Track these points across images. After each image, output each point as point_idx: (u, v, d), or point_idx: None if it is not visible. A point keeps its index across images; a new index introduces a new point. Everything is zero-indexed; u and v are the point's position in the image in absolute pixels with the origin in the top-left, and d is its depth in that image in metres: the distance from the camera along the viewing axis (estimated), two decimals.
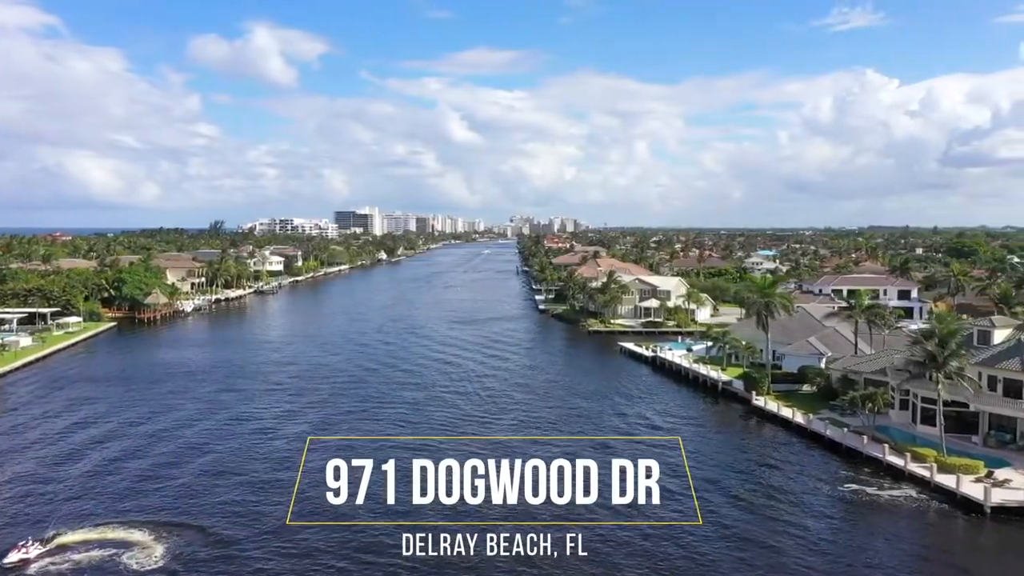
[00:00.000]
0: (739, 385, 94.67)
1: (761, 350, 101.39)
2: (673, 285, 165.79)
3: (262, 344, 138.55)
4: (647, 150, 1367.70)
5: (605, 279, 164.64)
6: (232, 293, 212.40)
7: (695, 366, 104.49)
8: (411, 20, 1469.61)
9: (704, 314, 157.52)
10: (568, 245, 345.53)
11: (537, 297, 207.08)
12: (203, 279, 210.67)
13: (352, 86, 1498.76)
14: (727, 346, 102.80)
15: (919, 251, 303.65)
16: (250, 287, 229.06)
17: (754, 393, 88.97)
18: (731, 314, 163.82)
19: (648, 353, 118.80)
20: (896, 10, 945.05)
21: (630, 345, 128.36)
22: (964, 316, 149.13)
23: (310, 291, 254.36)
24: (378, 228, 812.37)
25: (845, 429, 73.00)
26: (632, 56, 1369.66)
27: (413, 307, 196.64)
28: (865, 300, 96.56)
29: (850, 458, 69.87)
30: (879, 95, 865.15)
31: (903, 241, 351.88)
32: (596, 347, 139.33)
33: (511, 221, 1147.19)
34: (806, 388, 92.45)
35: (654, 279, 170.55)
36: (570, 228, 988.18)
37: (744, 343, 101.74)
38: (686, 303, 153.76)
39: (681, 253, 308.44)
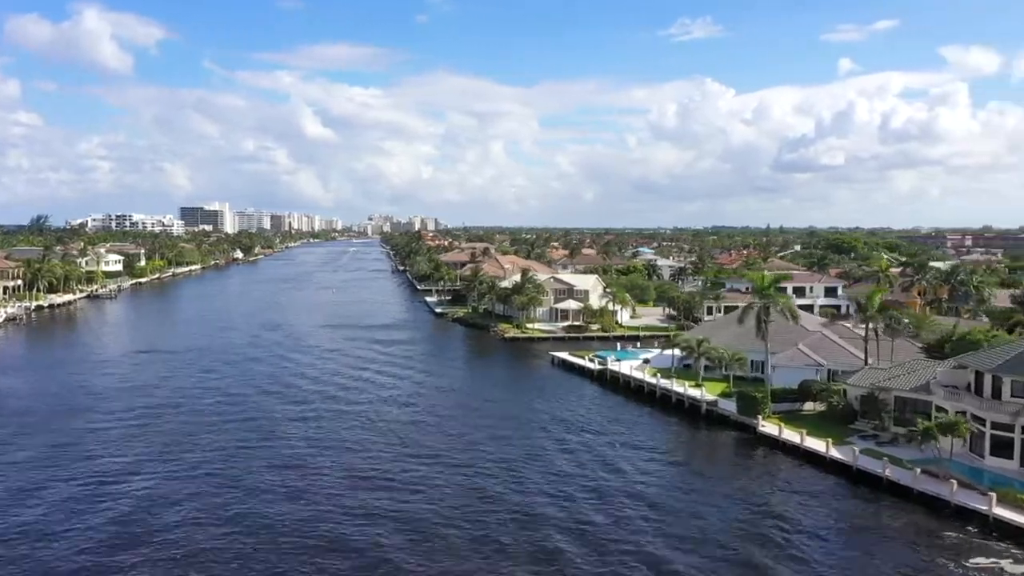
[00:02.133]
0: (727, 405, 77.20)
1: (739, 360, 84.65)
2: (591, 284, 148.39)
3: (94, 366, 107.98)
4: (503, 150, 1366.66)
5: (518, 278, 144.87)
6: (58, 298, 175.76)
7: (664, 382, 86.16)
8: (261, 9, 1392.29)
9: (624, 316, 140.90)
10: (447, 242, 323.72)
11: (429, 299, 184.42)
12: (20, 281, 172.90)
13: (195, 76, 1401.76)
14: (702, 356, 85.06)
15: (797, 247, 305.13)
16: (82, 291, 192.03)
17: (759, 418, 71.53)
18: (650, 314, 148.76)
19: (592, 365, 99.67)
20: (733, 24, 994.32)
21: (563, 355, 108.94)
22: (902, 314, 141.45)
23: (157, 295, 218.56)
24: (229, 226, 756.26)
25: (918, 470, 56.16)
26: (487, 57, 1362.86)
27: (287, 313, 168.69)
28: (877, 300, 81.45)
29: (932, 510, 53.10)
30: (718, 103, 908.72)
31: (778, 239, 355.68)
32: (517, 357, 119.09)
33: (370, 219, 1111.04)
34: (810, 407, 76.25)
35: (570, 278, 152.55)
36: (431, 227, 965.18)
37: (732, 353, 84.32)
38: (611, 303, 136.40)
39: (567, 251, 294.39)
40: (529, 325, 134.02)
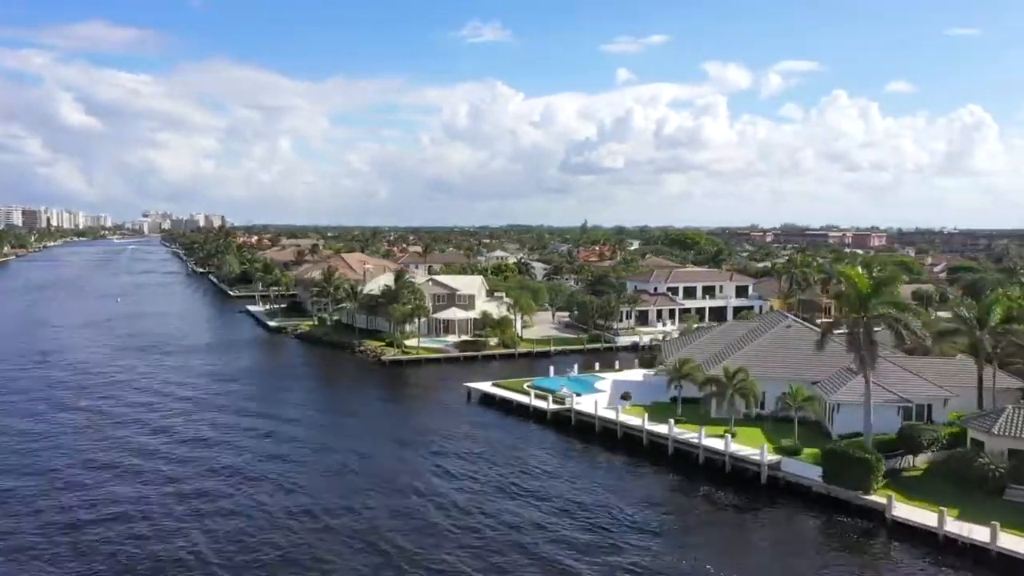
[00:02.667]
0: (800, 470, 52.30)
1: (808, 401, 59.95)
2: (477, 287, 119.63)
3: None
4: (292, 146, 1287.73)
5: (384, 281, 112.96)
6: None
7: (683, 432, 59.71)
8: None
9: (516, 326, 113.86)
10: (258, 239, 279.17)
11: (254, 308, 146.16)
12: None
13: None
14: (732, 392, 59.42)
15: (635, 244, 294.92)
16: None
17: (892, 499, 46.88)
18: (540, 322, 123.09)
19: (542, 403, 71.29)
20: (521, 30, 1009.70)
21: (482, 385, 79.73)
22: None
23: None
24: None
25: None
26: (273, 49, 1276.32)
27: (60, 334, 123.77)
28: (1000, 311, 59.88)
29: None
30: (508, 106, 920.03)
31: (610, 236, 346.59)
32: (408, 390, 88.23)
33: (146, 216, 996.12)
34: (922, 462, 53.20)
35: (451, 280, 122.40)
36: (217, 224, 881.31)
37: (797, 389, 58.78)
38: (511, 312, 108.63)
39: (397, 249, 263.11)
40: (408, 342, 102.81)
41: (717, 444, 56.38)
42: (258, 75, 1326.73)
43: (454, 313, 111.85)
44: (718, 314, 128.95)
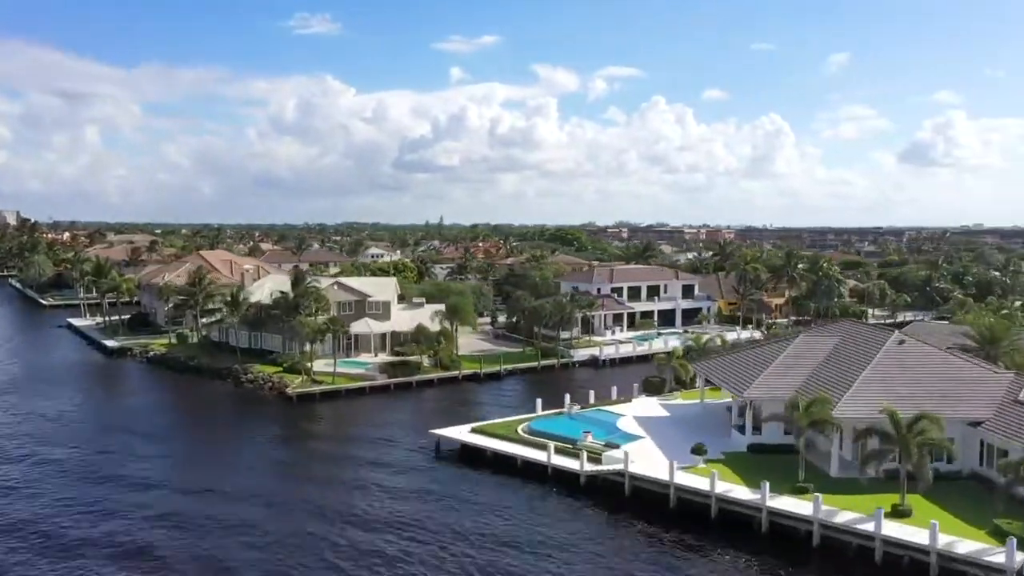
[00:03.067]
0: None
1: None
2: (391, 292, 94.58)
3: None
4: (99, 137, 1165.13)
5: (270, 285, 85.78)
6: None
7: (857, 521, 39.32)
8: None
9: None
10: (69, 237, 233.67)
11: (79, 321, 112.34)
12: None
13: None
14: (916, 448, 39.64)
15: (514, 241, 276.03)
16: None
17: None
18: (464, 332, 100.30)
19: (568, 462, 48.93)
20: (351, 24, 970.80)
21: (454, 433, 56.26)
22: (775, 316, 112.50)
23: None
24: None
25: None
26: (74, 29, 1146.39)
27: None
28: None
29: None
30: (339, 101, 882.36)
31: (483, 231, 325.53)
32: (334, 440, 63.05)
33: None
34: None
35: (361, 283, 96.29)
36: (12, 221, 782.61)
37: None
38: (448, 323, 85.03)
39: (243, 245, 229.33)
40: (315, 365, 76.55)
41: (968, 548, 35.99)
42: (59, 58, 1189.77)
43: (367, 326, 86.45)
44: (666, 317, 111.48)
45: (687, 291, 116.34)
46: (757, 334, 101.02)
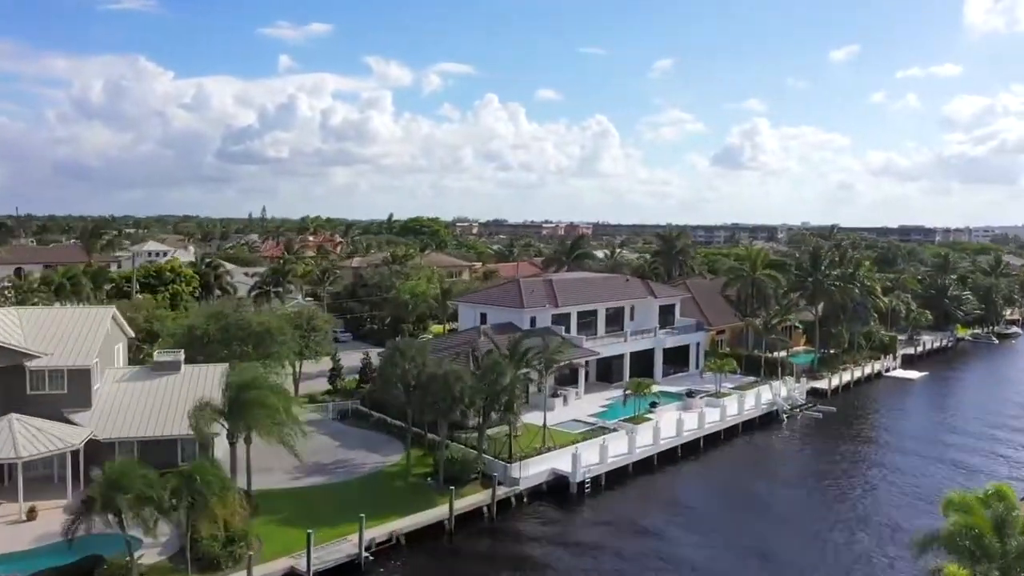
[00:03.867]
0: None
1: None
2: (94, 340, 40.41)
3: None
4: None
5: None
6: None
7: None
8: None
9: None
10: None
11: None
12: None
13: None
14: None
15: (357, 234, 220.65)
16: None
17: None
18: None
19: None
20: (168, 1, 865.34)
21: None
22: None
23: None
24: None
25: None
26: None
27: None
28: None
29: None
30: (154, 84, 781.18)
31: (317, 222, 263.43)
32: None
33: None
34: None
35: (35, 316, 40.86)
36: None
37: None
38: (213, 425, 32.71)
39: None
40: None
41: None
42: None
43: (8, 432, 32.61)
44: (639, 364, 64.63)
45: (665, 314, 69.84)
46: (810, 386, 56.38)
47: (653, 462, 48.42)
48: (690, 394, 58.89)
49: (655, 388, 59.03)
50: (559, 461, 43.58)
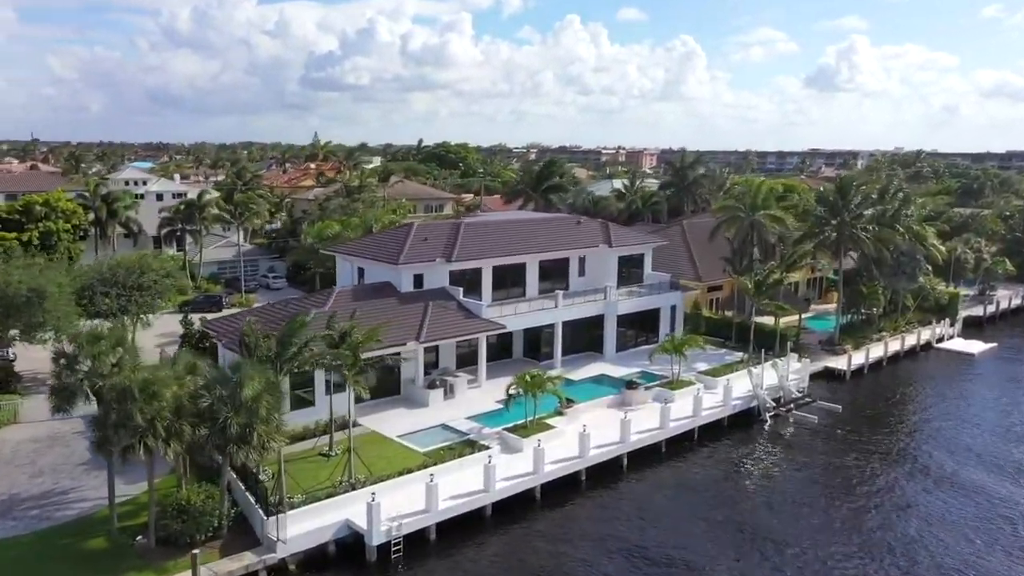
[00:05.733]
0: None
1: None
2: None
3: None
4: None
5: None
6: None
7: None
8: None
9: None
10: None
11: None
12: None
13: None
14: None
15: (376, 161, 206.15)
16: None
17: None
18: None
19: None
20: None
21: None
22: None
23: None
24: None
25: None
26: None
27: None
28: None
29: None
30: (236, 11, 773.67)
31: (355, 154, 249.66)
32: None
33: None
34: None
35: None
36: None
37: None
38: None
39: None
40: None
41: None
42: None
43: None
44: (594, 334, 48.74)
45: (628, 267, 52.96)
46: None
47: (535, 497, 33.09)
48: (630, 385, 42.61)
49: (565, 376, 43.27)
50: (359, 508, 28.71)
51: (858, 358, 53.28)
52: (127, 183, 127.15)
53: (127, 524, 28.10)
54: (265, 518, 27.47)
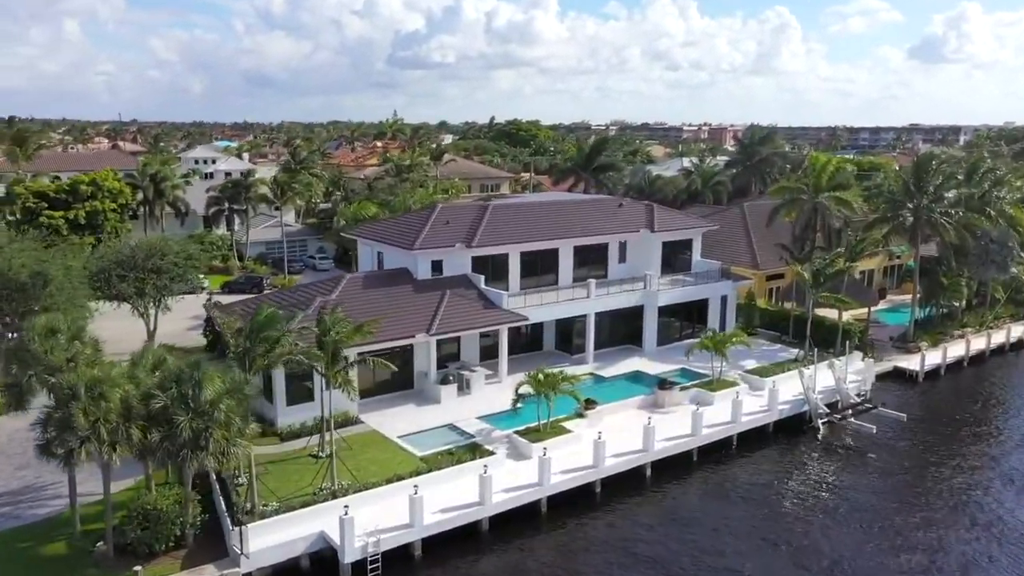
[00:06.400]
0: None
1: None
2: None
3: None
4: (81, 31, 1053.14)
5: None
6: None
7: None
8: None
9: None
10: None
11: None
12: None
13: None
14: None
15: (448, 138, 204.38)
16: None
17: None
18: None
19: None
20: None
21: None
22: None
23: None
24: None
25: None
26: None
27: None
28: None
29: None
30: None
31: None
32: None
33: None
34: None
35: None
36: None
37: None
38: None
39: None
40: None
41: None
42: None
43: None
44: (634, 326, 45.16)
45: (675, 254, 48.83)
46: None
47: (539, 511, 30.02)
48: (663, 384, 38.81)
49: (595, 372, 39.88)
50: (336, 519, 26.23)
51: (934, 357, 47.74)
52: (197, 161, 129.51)
53: (96, 527, 26.45)
54: (231, 528, 25.34)
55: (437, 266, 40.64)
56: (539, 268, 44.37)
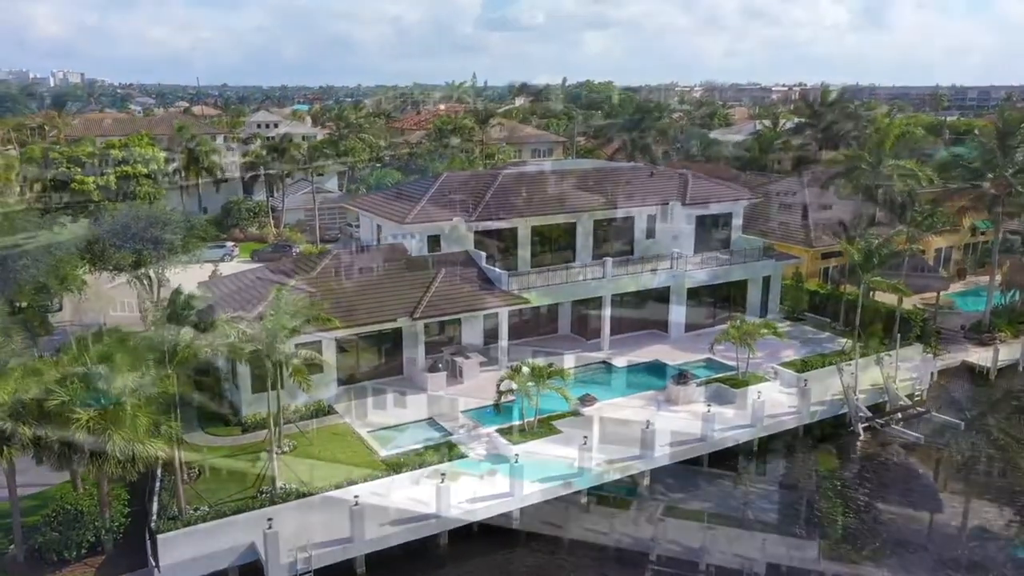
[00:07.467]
0: None
1: None
2: None
3: None
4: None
5: None
6: None
7: None
8: None
9: None
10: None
11: None
12: None
13: None
14: None
15: (516, 101, 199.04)
16: None
17: None
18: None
19: None
20: None
21: None
22: None
23: None
24: None
25: None
26: None
27: None
28: None
29: None
30: None
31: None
32: None
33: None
34: None
35: None
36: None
37: None
38: None
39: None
40: None
41: None
42: None
43: None
44: (657, 314, 40.69)
45: (712, 229, 43.93)
46: None
47: (511, 521, 26.61)
48: (681, 378, 34.45)
49: (608, 360, 35.80)
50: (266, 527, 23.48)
51: (1011, 351, 41.60)
52: (259, 125, 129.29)
53: (32, 523, 24.50)
54: (148, 536, 22.97)
55: (435, 242, 37.26)
56: (554, 244, 40.42)
